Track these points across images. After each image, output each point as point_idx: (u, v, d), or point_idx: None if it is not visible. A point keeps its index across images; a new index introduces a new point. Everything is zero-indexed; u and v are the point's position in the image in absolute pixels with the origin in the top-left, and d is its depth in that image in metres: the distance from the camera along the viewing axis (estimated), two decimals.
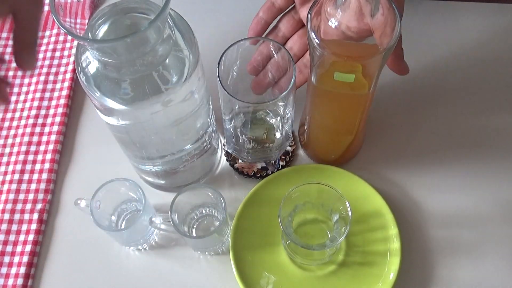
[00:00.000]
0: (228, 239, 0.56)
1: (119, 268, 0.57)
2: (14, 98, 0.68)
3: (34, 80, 0.68)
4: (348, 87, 0.48)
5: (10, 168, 0.62)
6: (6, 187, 0.61)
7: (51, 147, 0.63)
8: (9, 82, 0.59)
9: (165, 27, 0.43)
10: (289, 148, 0.62)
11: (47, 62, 0.69)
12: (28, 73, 0.69)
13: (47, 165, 0.62)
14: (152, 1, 0.43)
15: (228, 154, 0.63)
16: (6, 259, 0.57)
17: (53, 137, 0.64)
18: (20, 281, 0.55)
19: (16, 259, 0.57)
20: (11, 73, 0.69)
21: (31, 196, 0.60)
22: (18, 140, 0.64)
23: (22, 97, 0.67)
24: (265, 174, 0.61)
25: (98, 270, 0.57)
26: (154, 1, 0.42)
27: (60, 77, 0.68)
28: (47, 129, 0.64)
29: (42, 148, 0.63)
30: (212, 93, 0.53)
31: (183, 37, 0.45)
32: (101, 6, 0.43)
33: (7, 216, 0.59)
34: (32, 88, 0.68)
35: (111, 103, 0.43)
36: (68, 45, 0.71)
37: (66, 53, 0.70)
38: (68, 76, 0.68)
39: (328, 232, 0.56)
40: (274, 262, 0.56)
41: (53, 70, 0.69)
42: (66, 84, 0.67)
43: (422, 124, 0.64)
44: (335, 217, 0.54)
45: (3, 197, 0.60)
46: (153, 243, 0.59)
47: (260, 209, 0.57)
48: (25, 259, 0.57)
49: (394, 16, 0.44)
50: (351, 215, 0.50)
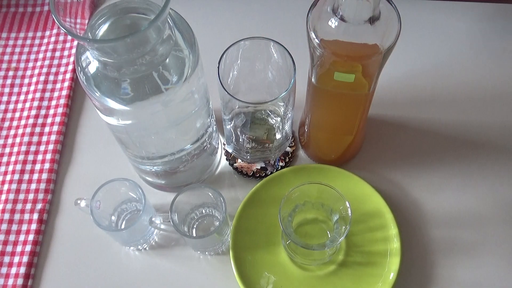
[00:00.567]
0: (228, 239, 0.56)
1: (119, 268, 0.57)
2: (14, 98, 0.68)
3: (34, 80, 0.68)
4: (348, 87, 0.48)
5: (10, 168, 0.62)
6: (6, 187, 0.61)
7: (51, 147, 0.63)
8: None
9: (165, 27, 0.43)
10: (288, 149, 0.62)
11: (47, 62, 0.69)
12: (28, 73, 0.69)
13: (47, 165, 0.62)
14: (152, 1, 0.43)
15: (227, 154, 0.63)
16: (6, 259, 0.57)
17: (53, 137, 0.64)
18: (20, 281, 0.56)
19: (16, 259, 0.57)
20: (11, 73, 0.69)
21: (31, 196, 0.60)
22: (18, 140, 0.64)
23: (22, 97, 0.68)
24: (264, 174, 0.61)
25: (98, 270, 0.57)
26: (154, 1, 0.42)
27: (60, 77, 0.68)
28: (47, 129, 0.64)
29: (42, 148, 0.63)
30: (212, 93, 0.53)
31: (183, 37, 0.45)
32: (101, 6, 0.43)
33: (7, 216, 0.59)
34: (32, 88, 0.68)
35: (111, 103, 0.43)
36: (68, 45, 0.71)
37: (66, 53, 0.70)
38: (68, 76, 0.68)
39: (328, 232, 0.56)
40: (274, 262, 0.56)
41: (53, 70, 0.69)
42: (66, 84, 0.67)
43: (422, 124, 0.64)
44: (335, 217, 0.54)
45: (3, 197, 0.61)
46: (153, 243, 0.59)
47: (260, 209, 0.57)
48: (25, 259, 0.57)
49: (394, 16, 0.44)
50: (351, 215, 0.50)
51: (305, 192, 0.53)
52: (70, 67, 0.69)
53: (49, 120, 0.65)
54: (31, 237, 0.58)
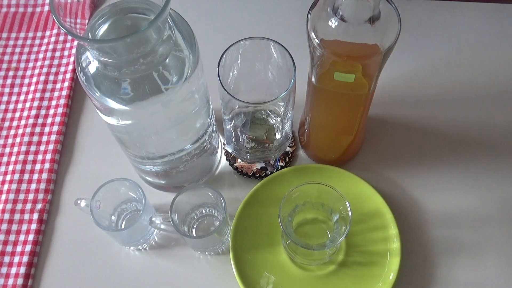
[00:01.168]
0: (228, 239, 0.56)
1: (119, 268, 0.57)
2: (14, 98, 0.68)
3: (34, 80, 0.68)
4: (348, 87, 0.48)
5: (10, 168, 0.62)
6: (6, 187, 0.61)
7: (51, 147, 0.63)
8: None
9: (165, 27, 0.43)
10: (288, 149, 0.62)
11: (47, 62, 0.69)
12: (28, 73, 0.69)
13: (47, 165, 0.62)
14: (152, 1, 0.43)
15: (227, 154, 0.63)
16: (6, 259, 0.57)
17: (53, 137, 0.64)
18: (20, 281, 0.56)
19: (16, 259, 0.57)
20: (11, 73, 0.69)
21: (31, 196, 0.60)
22: (18, 140, 0.64)
23: (22, 97, 0.68)
24: (264, 174, 0.61)
25: (98, 270, 0.57)
26: (154, 1, 0.42)
27: (60, 77, 0.68)
28: (47, 129, 0.64)
29: (42, 148, 0.63)
30: (212, 93, 0.53)
31: (183, 37, 0.45)
32: (101, 6, 0.43)
33: (7, 216, 0.59)
34: (32, 88, 0.68)
35: (111, 103, 0.43)
36: (68, 45, 0.71)
37: (66, 53, 0.70)
38: (68, 76, 0.68)
39: (328, 232, 0.56)
40: (274, 262, 0.56)
41: (53, 70, 0.69)
42: (66, 84, 0.67)
43: (422, 124, 0.64)
44: (335, 217, 0.54)
45: (3, 197, 0.61)
46: (153, 243, 0.59)
47: (260, 209, 0.57)
48: (25, 259, 0.57)
49: (394, 16, 0.44)
50: (351, 215, 0.50)
51: (305, 192, 0.53)
52: (70, 67, 0.69)
53: (49, 120, 0.65)
54: (31, 237, 0.58)
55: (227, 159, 0.62)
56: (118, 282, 0.57)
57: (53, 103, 0.66)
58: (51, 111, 0.66)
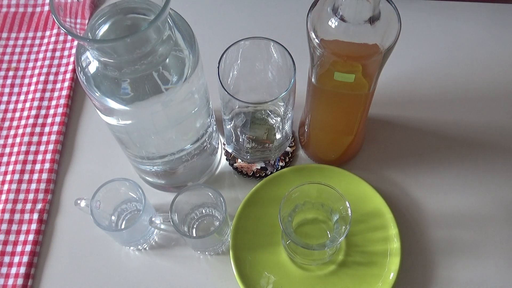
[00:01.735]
0: (228, 239, 0.56)
1: (119, 268, 0.57)
2: (14, 98, 0.68)
3: (34, 80, 0.68)
4: (348, 87, 0.48)
5: (10, 168, 0.62)
6: (6, 187, 0.61)
7: (51, 147, 0.63)
8: None
9: (165, 27, 0.43)
10: (288, 149, 0.62)
11: (47, 62, 0.69)
12: (28, 73, 0.69)
13: (47, 165, 0.62)
14: (152, 1, 0.43)
15: (227, 154, 0.63)
16: (6, 259, 0.57)
17: (53, 137, 0.64)
18: (20, 281, 0.56)
19: (16, 259, 0.57)
20: (11, 73, 0.69)
21: (31, 196, 0.60)
22: (18, 140, 0.64)
23: (22, 97, 0.68)
24: (264, 174, 0.61)
25: (98, 270, 0.57)
26: (154, 1, 0.42)
27: (60, 77, 0.68)
28: (47, 129, 0.64)
29: (42, 148, 0.63)
30: (212, 93, 0.53)
31: (183, 37, 0.45)
32: (101, 6, 0.43)
33: (7, 216, 0.59)
34: (32, 88, 0.68)
35: (111, 103, 0.43)
36: (68, 45, 0.71)
37: (66, 53, 0.70)
38: (68, 76, 0.68)
39: (328, 232, 0.56)
40: (274, 262, 0.56)
41: (53, 70, 0.69)
42: (66, 84, 0.67)
43: (422, 124, 0.64)
44: (335, 217, 0.54)
45: (3, 197, 0.61)
46: (153, 243, 0.59)
47: (260, 209, 0.57)
48: (25, 259, 0.57)
49: (394, 16, 0.44)
50: (351, 215, 0.50)
51: (305, 192, 0.53)
52: (70, 67, 0.69)
53: (49, 120, 0.65)
54: (31, 237, 0.58)
55: (227, 159, 0.62)
56: (118, 282, 0.57)
57: (53, 103, 0.66)
58: (51, 111, 0.66)
